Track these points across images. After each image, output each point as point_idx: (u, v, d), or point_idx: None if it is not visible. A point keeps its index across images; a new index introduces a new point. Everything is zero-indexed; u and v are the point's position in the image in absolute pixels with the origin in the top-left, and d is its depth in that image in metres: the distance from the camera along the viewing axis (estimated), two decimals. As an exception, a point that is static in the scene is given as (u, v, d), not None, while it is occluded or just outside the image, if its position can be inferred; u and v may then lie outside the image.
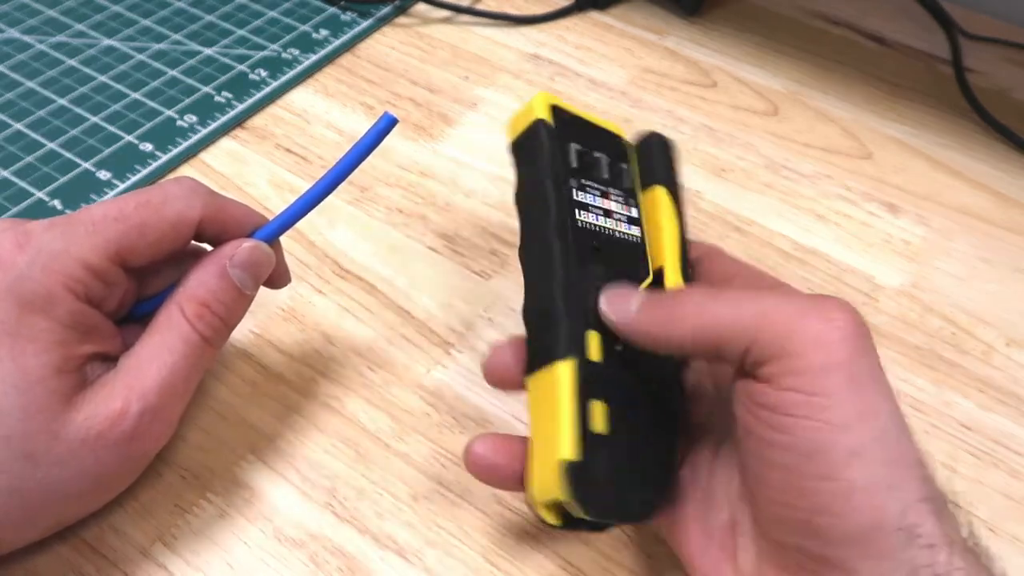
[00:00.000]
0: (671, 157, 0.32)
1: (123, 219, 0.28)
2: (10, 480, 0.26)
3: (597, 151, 0.31)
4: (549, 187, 0.29)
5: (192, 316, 0.29)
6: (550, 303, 0.27)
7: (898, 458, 0.23)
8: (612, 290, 0.28)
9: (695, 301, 0.26)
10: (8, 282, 0.26)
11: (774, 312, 0.24)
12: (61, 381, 0.26)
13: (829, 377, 0.23)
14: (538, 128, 0.29)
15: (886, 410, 0.23)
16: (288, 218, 0.31)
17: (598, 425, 0.26)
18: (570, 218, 0.28)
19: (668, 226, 0.30)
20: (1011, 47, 0.54)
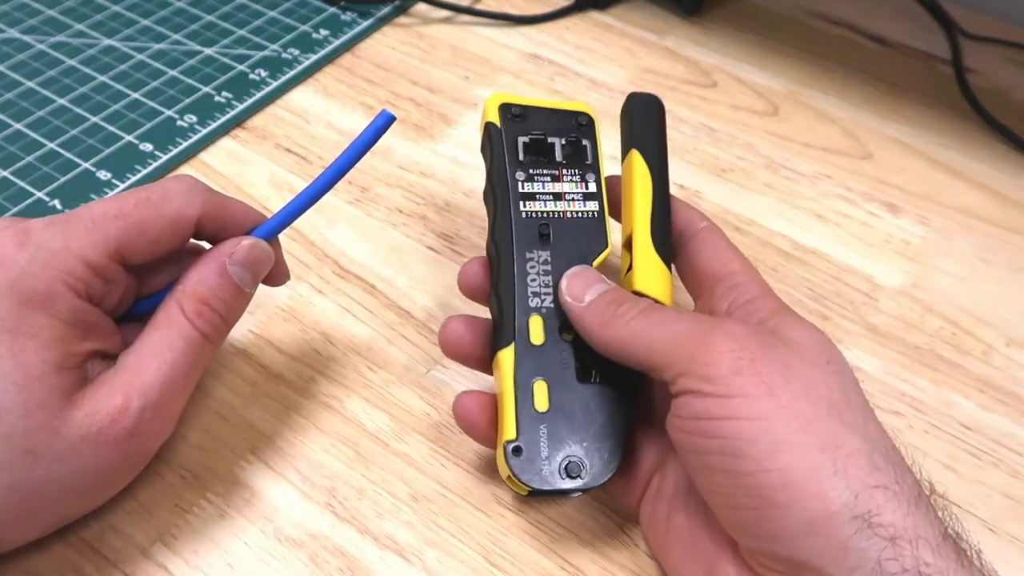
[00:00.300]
0: (653, 116, 0.34)
1: (123, 216, 0.28)
2: (11, 477, 0.26)
3: (552, 135, 0.33)
4: (493, 186, 0.32)
5: (192, 313, 0.29)
6: (496, 295, 0.31)
7: (836, 444, 0.23)
8: (575, 272, 0.30)
9: (630, 315, 0.28)
10: (9, 279, 0.26)
11: (686, 331, 0.26)
12: (61, 378, 0.26)
13: (740, 378, 0.24)
14: (486, 131, 0.33)
15: (811, 401, 0.24)
16: (287, 216, 0.31)
17: (540, 404, 0.29)
18: (513, 212, 0.31)
19: (640, 191, 0.32)
20: (1011, 47, 0.54)
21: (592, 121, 0.34)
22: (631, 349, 0.27)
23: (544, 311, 0.30)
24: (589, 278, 0.30)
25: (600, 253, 0.31)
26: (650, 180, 0.32)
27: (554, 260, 0.31)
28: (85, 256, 0.27)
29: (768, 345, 0.25)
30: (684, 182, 0.45)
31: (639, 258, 0.31)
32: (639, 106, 0.34)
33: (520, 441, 0.28)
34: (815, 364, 0.26)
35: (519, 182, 0.32)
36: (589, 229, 0.32)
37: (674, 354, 0.26)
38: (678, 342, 0.26)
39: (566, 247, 0.31)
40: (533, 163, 0.32)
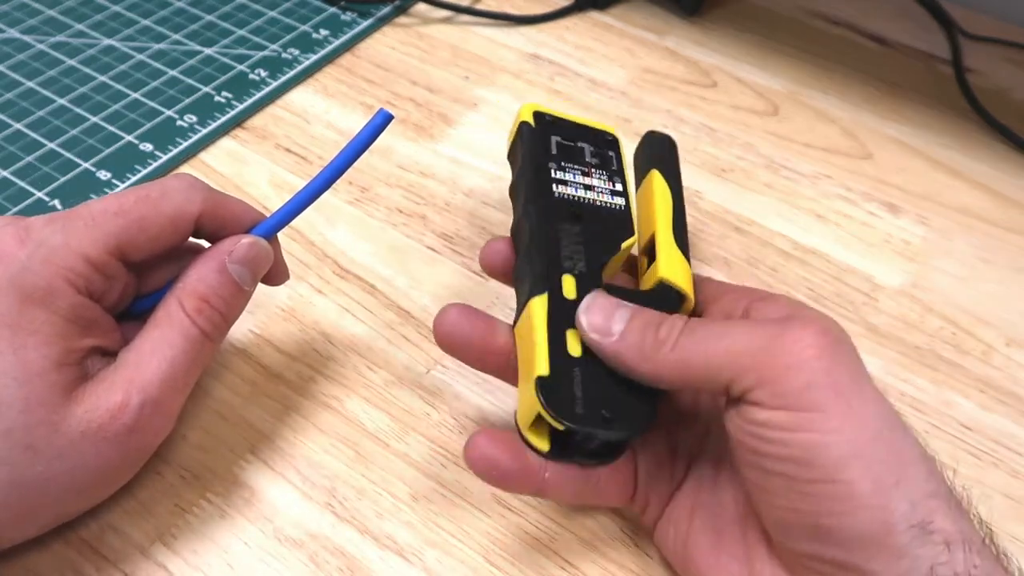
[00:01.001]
0: (670, 150, 0.36)
1: (123, 213, 0.28)
2: (11, 473, 0.26)
3: (581, 142, 0.34)
4: (528, 170, 0.32)
5: (192, 311, 0.29)
6: (528, 256, 0.30)
7: (898, 456, 0.23)
8: (589, 303, 0.28)
9: (673, 339, 0.26)
10: (9, 275, 0.26)
11: (746, 343, 0.25)
12: (61, 374, 0.26)
13: (812, 393, 0.24)
14: (521, 130, 0.33)
15: (876, 413, 0.24)
16: (285, 214, 0.31)
17: (573, 349, 0.28)
18: (547, 190, 0.31)
19: (660, 201, 0.33)
20: (1011, 47, 0.54)
21: (617, 140, 0.35)
22: (686, 374, 0.26)
23: (577, 272, 0.29)
24: (608, 306, 0.27)
25: (627, 239, 0.31)
26: (670, 194, 0.33)
27: (584, 237, 0.31)
28: (85, 252, 0.27)
29: (836, 347, 0.25)
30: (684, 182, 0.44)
31: (663, 251, 0.31)
32: (657, 141, 0.36)
33: (553, 377, 0.27)
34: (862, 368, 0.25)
35: (552, 169, 0.32)
36: (617, 217, 0.32)
37: (738, 369, 0.24)
38: (740, 356, 0.25)
39: (596, 228, 0.31)
40: (565, 158, 0.33)
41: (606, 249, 0.31)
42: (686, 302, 0.30)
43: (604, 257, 0.30)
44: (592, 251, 0.30)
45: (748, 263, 0.41)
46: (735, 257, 0.41)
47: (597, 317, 0.27)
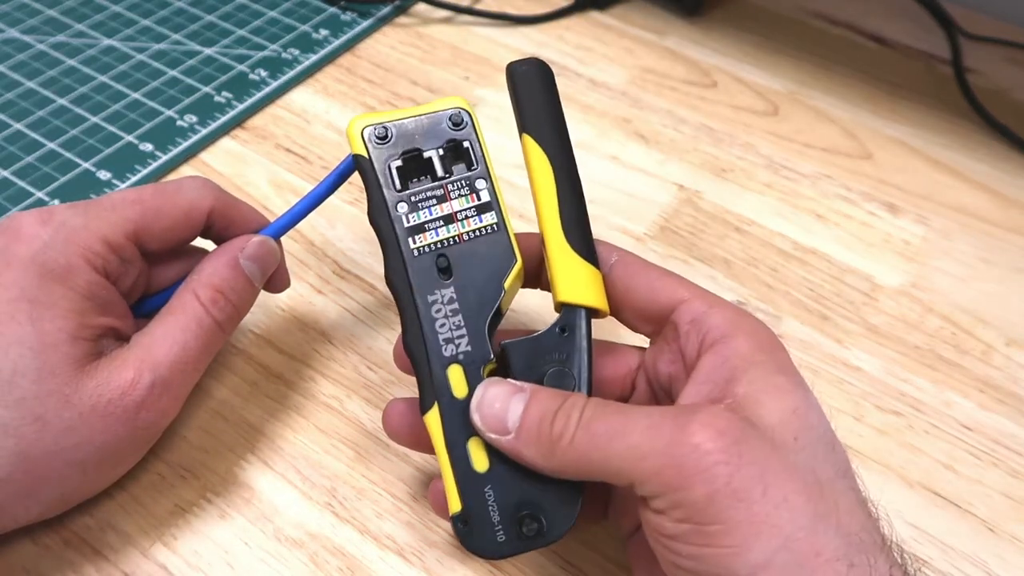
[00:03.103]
0: (538, 87, 0.29)
1: (140, 202, 0.30)
2: (18, 444, 0.26)
3: (429, 148, 0.29)
4: (379, 223, 0.28)
5: (207, 301, 0.30)
6: (408, 349, 0.28)
7: (815, 553, 0.22)
8: (480, 400, 0.26)
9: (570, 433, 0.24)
10: (32, 253, 0.28)
11: (646, 444, 0.23)
12: (75, 347, 0.27)
13: (716, 504, 0.22)
14: (358, 165, 0.29)
15: (788, 515, 0.22)
16: (291, 218, 0.32)
17: (479, 464, 0.26)
18: (404, 251, 0.28)
19: (541, 183, 0.28)
20: (1011, 47, 0.54)
21: (468, 116, 0.30)
22: (589, 471, 0.24)
23: (462, 357, 0.27)
24: (499, 397, 0.26)
25: (510, 271, 0.28)
26: (550, 168, 0.28)
27: (460, 296, 0.28)
28: (104, 234, 0.29)
29: (741, 445, 0.23)
30: (684, 182, 0.45)
31: (556, 263, 0.28)
32: (522, 79, 0.29)
33: (466, 512, 0.26)
34: (787, 449, 0.24)
35: (403, 216, 0.28)
36: (492, 246, 0.28)
37: (637, 474, 0.23)
38: (638, 460, 0.23)
39: (472, 275, 0.28)
40: (413, 188, 0.29)
41: (488, 299, 0.28)
42: (600, 313, 0.28)
43: (488, 310, 0.28)
44: (473, 314, 0.27)
45: (748, 263, 0.41)
46: (735, 257, 0.41)
47: (489, 413, 0.26)
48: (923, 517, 0.32)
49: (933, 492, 0.33)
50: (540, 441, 0.25)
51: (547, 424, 0.25)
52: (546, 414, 0.25)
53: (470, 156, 0.29)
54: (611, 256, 0.29)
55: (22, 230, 0.28)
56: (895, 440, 0.35)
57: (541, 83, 0.29)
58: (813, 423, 0.25)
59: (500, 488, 0.26)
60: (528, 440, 0.25)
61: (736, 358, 0.25)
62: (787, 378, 0.25)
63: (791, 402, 0.25)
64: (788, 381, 0.25)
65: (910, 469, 0.34)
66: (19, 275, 0.27)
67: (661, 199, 0.44)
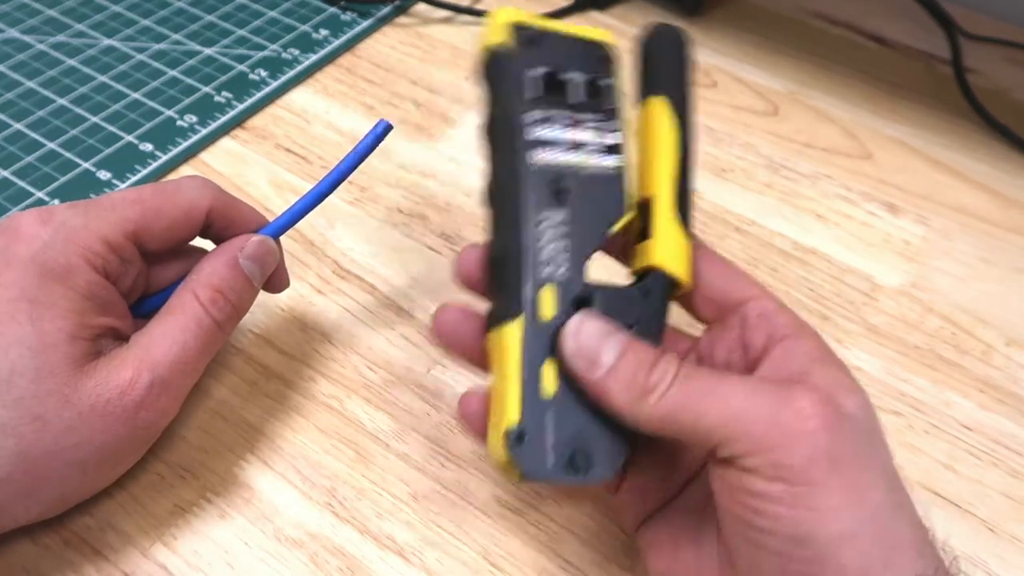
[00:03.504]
0: (679, 56, 0.29)
1: (140, 201, 0.30)
2: (18, 444, 0.26)
3: (571, 70, 0.28)
4: (500, 131, 0.27)
5: (207, 301, 0.30)
6: (502, 259, 0.27)
7: (891, 537, 0.23)
8: (578, 326, 0.26)
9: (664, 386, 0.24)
10: (32, 252, 0.28)
11: (743, 411, 0.23)
12: (74, 347, 0.27)
13: (813, 468, 0.22)
14: (491, 59, 0.27)
15: (876, 490, 0.23)
16: (289, 218, 0.33)
17: (548, 387, 0.26)
18: (524, 162, 0.26)
19: (665, 146, 0.28)
20: (1011, 47, 0.54)
21: (617, 56, 0.29)
22: (672, 428, 0.24)
23: (558, 281, 0.26)
24: (598, 332, 0.25)
25: (618, 219, 0.27)
26: (676, 134, 0.28)
27: (571, 223, 0.26)
28: (104, 234, 0.29)
29: (840, 420, 0.23)
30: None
31: (661, 229, 0.27)
32: (664, 42, 0.29)
33: (523, 427, 0.25)
34: (870, 439, 0.24)
35: (530, 126, 0.27)
36: (609, 189, 0.27)
37: (732, 431, 0.23)
38: (737, 418, 0.23)
39: (584, 209, 0.27)
40: (546, 103, 0.27)
41: (593, 236, 0.27)
42: (681, 287, 0.28)
43: (590, 248, 0.27)
44: (577, 243, 0.26)
45: (748, 263, 0.41)
46: (735, 257, 0.41)
47: (586, 345, 0.25)
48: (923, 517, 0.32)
49: (933, 492, 0.33)
50: (633, 387, 0.24)
51: (644, 372, 0.24)
52: (643, 362, 0.25)
53: (608, 96, 0.28)
54: None
55: (22, 230, 0.28)
56: (895, 440, 0.34)
57: (681, 51, 0.29)
58: (878, 423, 0.25)
59: (560, 416, 0.25)
60: (620, 382, 0.25)
61: (805, 355, 0.26)
62: (853, 380, 0.26)
63: (863, 399, 0.25)
64: (855, 383, 0.26)
65: (910, 469, 0.34)
66: (19, 275, 0.27)
67: (661, 199, 0.44)
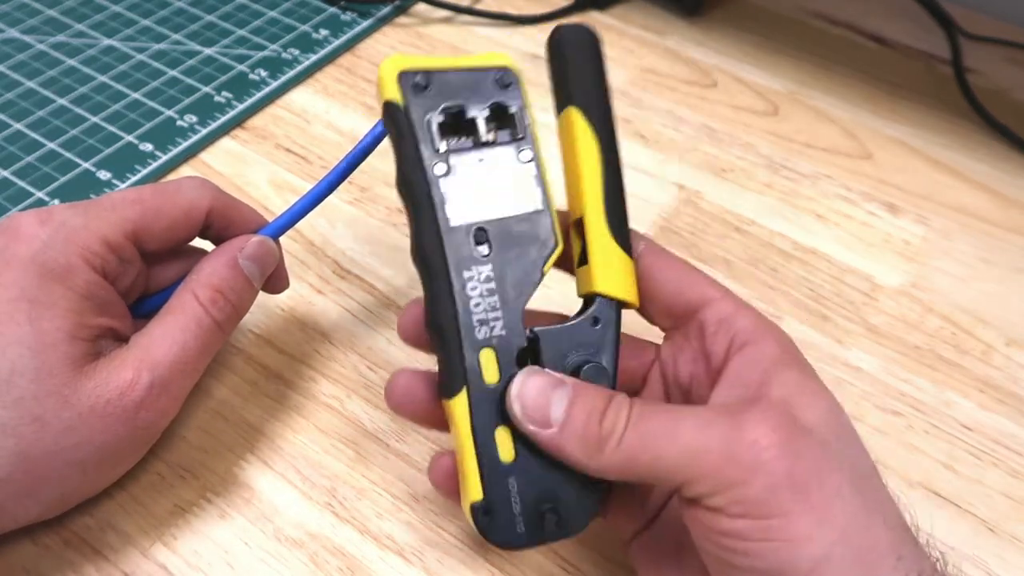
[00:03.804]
0: (590, 58, 0.27)
1: (140, 201, 0.30)
2: (17, 444, 0.26)
3: (470, 106, 0.26)
4: (412, 187, 0.26)
5: (206, 301, 0.30)
6: (436, 325, 0.26)
7: (867, 549, 0.22)
8: (522, 386, 0.25)
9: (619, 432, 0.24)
10: (31, 252, 0.28)
11: (699, 446, 0.23)
12: (74, 347, 0.27)
13: (775, 498, 0.22)
14: (386, 114, 0.26)
15: (843, 508, 0.22)
16: (289, 218, 0.32)
17: (506, 454, 0.25)
18: (440, 221, 0.25)
19: (586, 162, 0.26)
20: (1011, 47, 0.54)
21: (516, 78, 0.27)
22: (634, 473, 0.24)
23: (495, 341, 0.25)
24: (542, 387, 0.24)
25: (551, 254, 0.26)
26: (596, 145, 0.26)
27: (497, 275, 0.25)
28: (103, 234, 0.29)
29: (796, 441, 0.23)
30: (684, 182, 0.45)
31: (596, 251, 0.26)
32: (571, 46, 0.27)
33: (488, 501, 0.25)
34: (832, 447, 0.24)
35: (439, 179, 0.25)
36: (534, 226, 0.26)
37: (691, 472, 0.23)
38: (693, 458, 0.23)
39: (511, 255, 0.26)
40: (450, 151, 0.26)
41: (526, 281, 0.26)
42: (629, 306, 0.27)
43: (525, 294, 0.26)
44: (510, 295, 0.26)
45: (748, 263, 0.41)
46: (735, 257, 0.41)
47: (531, 405, 0.24)
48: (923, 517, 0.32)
49: (933, 492, 0.33)
50: (587, 439, 0.24)
51: (595, 422, 0.24)
52: (594, 412, 0.24)
53: (515, 123, 0.27)
54: (638, 244, 0.28)
55: (21, 230, 0.28)
56: (895, 440, 0.35)
57: (591, 52, 0.27)
58: (847, 424, 0.25)
59: (523, 479, 0.25)
60: (572, 437, 0.24)
61: (767, 361, 0.25)
62: (817, 382, 0.26)
63: (826, 402, 0.25)
64: (819, 384, 0.25)
65: (910, 469, 0.34)
66: (18, 275, 0.27)
67: (661, 199, 0.44)
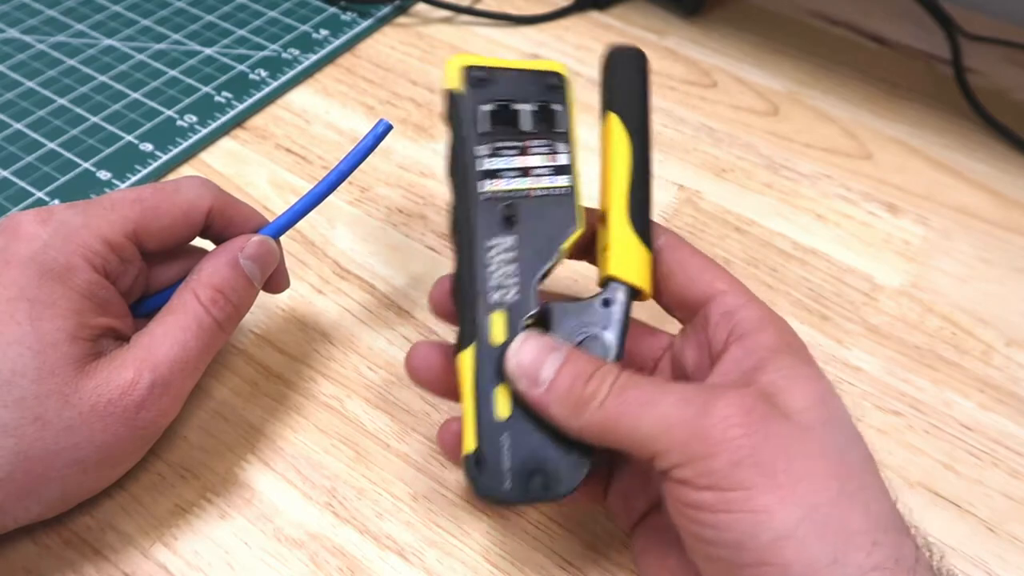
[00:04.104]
0: (634, 72, 0.30)
1: (140, 201, 0.30)
2: (19, 444, 0.26)
3: (521, 102, 0.30)
4: (457, 165, 0.29)
5: (207, 301, 0.30)
6: (458, 288, 0.28)
7: (837, 530, 0.22)
8: (520, 345, 0.26)
9: (600, 397, 0.25)
10: (31, 252, 0.28)
11: (674, 415, 0.24)
12: (75, 347, 0.27)
13: (738, 473, 0.23)
14: (447, 101, 0.29)
15: (811, 487, 0.23)
16: (289, 218, 0.33)
17: (502, 411, 0.27)
18: (475, 193, 0.28)
19: (617, 160, 0.29)
20: (1011, 47, 0.54)
21: (564, 82, 0.30)
22: (612, 438, 0.25)
23: (508, 305, 0.27)
24: (537, 349, 0.26)
25: (570, 235, 0.29)
26: (628, 147, 0.29)
27: (519, 247, 0.28)
28: (103, 234, 0.29)
29: (767, 423, 0.24)
30: (684, 182, 0.45)
31: (615, 238, 0.28)
32: (619, 61, 0.30)
33: (480, 452, 0.27)
34: (814, 432, 0.24)
35: (481, 158, 0.29)
36: (559, 208, 0.29)
37: (663, 443, 0.24)
38: (666, 429, 0.24)
39: (534, 230, 0.28)
40: (497, 135, 0.29)
41: (545, 255, 0.28)
42: (643, 294, 0.29)
43: (542, 267, 0.28)
44: (527, 265, 0.28)
45: (748, 263, 0.41)
46: (735, 257, 0.41)
47: (525, 363, 0.26)
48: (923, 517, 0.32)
49: (933, 492, 0.33)
50: (570, 399, 0.25)
51: (580, 384, 0.25)
52: (580, 375, 0.25)
53: (557, 121, 0.30)
54: (659, 237, 0.29)
55: (21, 229, 0.28)
56: (895, 440, 0.35)
57: (637, 69, 0.30)
58: (839, 412, 0.25)
59: (516, 438, 0.27)
60: (558, 396, 0.25)
61: (763, 349, 0.26)
62: (812, 369, 0.26)
63: (818, 389, 0.25)
64: (814, 372, 0.26)
65: (910, 469, 0.34)
66: (18, 274, 0.27)
67: (661, 199, 0.44)
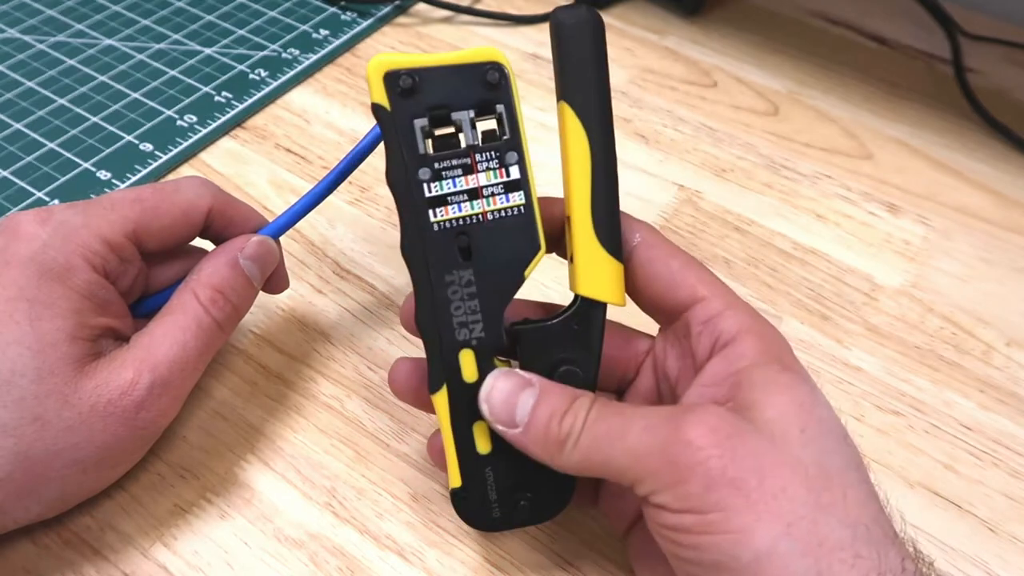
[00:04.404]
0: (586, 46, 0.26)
1: (140, 201, 0.30)
2: (19, 444, 0.26)
3: (458, 108, 0.26)
4: (399, 187, 0.26)
5: (207, 301, 0.30)
6: (420, 327, 0.27)
7: (818, 542, 0.22)
8: (491, 390, 0.26)
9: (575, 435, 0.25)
10: (31, 252, 0.28)
11: (645, 444, 0.24)
12: (74, 347, 0.27)
13: (714, 494, 0.23)
14: (376, 116, 0.26)
15: (787, 504, 0.22)
16: (289, 218, 0.33)
17: (481, 446, 0.27)
18: (424, 225, 0.26)
19: (575, 161, 0.26)
20: (1011, 47, 0.54)
21: (505, 75, 0.26)
22: (592, 472, 0.25)
23: (475, 342, 0.26)
24: (509, 390, 0.26)
25: (532, 259, 0.27)
26: (587, 144, 0.26)
27: (478, 279, 0.26)
28: (103, 234, 0.29)
29: (735, 439, 0.23)
30: (684, 182, 0.45)
31: (580, 252, 0.26)
32: (568, 34, 0.26)
33: (465, 488, 0.27)
34: (789, 442, 0.24)
35: (425, 183, 0.26)
36: (517, 230, 0.26)
37: (639, 472, 0.24)
38: (636, 460, 0.24)
39: (491, 259, 0.26)
40: (438, 153, 0.26)
41: (507, 284, 0.27)
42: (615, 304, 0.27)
43: (506, 297, 0.27)
44: (490, 299, 0.26)
45: (748, 263, 0.41)
46: (735, 257, 0.41)
47: (498, 407, 0.26)
48: (923, 517, 0.32)
49: (933, 492, 0.33)
50: (548, 440, 0.25)
51: (556, 423, 0.25)
52: (555, 413, 0.25)
53: (503, 125, 0.26)
54: (634, 235, 0.28)
55: (21, 229, 0.28)
56: (895, 440, 0.35)
57: (589, 38, 0.26)
58: (821, 416, 0.25)
59: (499, 470, 0.27)
60: (535, 437, 0.25)
61: (742, 361, 0.26)
62: (791, 375, 0.25)
63: (795, 397, 0.25)
64: (792, 378, 0.25)
65: (910, 469, 0.34)
66: (18, 274, 0.27)
67: (661, 199, 0.44)
